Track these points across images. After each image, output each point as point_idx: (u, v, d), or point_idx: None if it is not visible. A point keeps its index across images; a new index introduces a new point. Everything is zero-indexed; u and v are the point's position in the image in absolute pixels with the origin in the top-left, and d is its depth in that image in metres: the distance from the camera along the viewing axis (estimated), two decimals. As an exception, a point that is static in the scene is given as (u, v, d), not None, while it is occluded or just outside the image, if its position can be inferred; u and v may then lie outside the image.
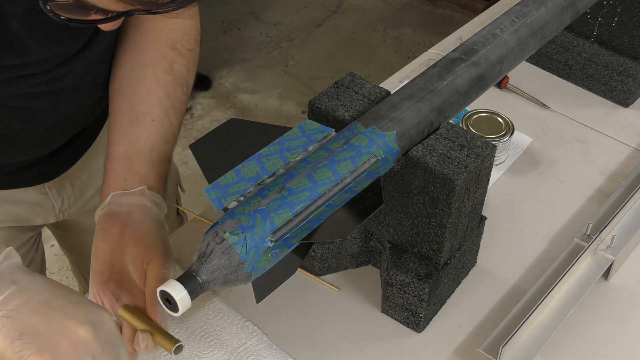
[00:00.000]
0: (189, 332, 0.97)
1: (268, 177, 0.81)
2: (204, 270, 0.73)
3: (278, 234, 0.76)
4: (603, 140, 1.29)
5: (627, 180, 1.18)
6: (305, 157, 0.83)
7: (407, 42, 3.12)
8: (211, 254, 0.74)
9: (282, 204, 0.78)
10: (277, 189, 0.79)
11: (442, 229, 0.92)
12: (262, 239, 0.76)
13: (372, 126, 0.87)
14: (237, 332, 0.98)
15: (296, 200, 0.78)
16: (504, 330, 0.97)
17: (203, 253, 0.74)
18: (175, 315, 0.73)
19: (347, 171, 0.82)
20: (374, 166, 0.85)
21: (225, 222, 0.75)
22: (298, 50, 3.06)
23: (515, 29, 1.01)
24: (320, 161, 0.82)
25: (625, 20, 1.28)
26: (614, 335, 1.01)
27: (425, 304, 0.96)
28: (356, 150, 0.84)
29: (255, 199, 0.78)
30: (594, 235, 1.06)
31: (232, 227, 0.75)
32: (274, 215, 0.76)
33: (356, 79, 0.98)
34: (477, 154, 0.90)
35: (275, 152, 0.82)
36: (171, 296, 0.72)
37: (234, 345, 0.96)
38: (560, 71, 1.39)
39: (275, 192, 0.78)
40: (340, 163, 0.83)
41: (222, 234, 0.74)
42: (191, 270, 0.74)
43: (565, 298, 1.01)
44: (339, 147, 0.84)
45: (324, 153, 0.83)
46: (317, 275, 1.05)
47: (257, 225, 0.75)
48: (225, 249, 0.74)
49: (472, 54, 0.98)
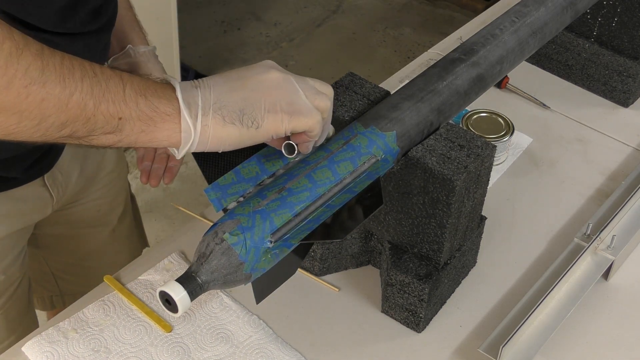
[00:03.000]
0: (195, 325, 0.97)
1: (268, 177, 0.81)
2: (204, 271, 0.73)
3: (278, 234, 0.76)
4: (603, 140, 1.29)
5: (627, 180, 1.18)
6: (305, 158, 0.83)
7: (407, 42, 3.12)
8: (211, 254, 0.74)
9: (282, 205, 0.78)
10: (276, 189, 0.79)
11: (442, 229, 0.92)
12: (262, 239, 0.75)
13: (372, 126, 0.87)
14: (242, 325, 0.98)
15: (296, 201, 0.78)
16: (504, 330, 0.97)
17: (203, 254, 0.74)
18: (175, 315, 0.73)
19: (346, 172, 0.82)
20: (373, 166, 0.85)
21: (225, 222, 0.75)
22: (298, 50, 3.06)
23: (515, 29, 1.01)
24: (319, 162, 0.82)
25: (625, 20, 1.28)
26: (614, 335, 1.01)
27: (425, 304, 0.96)
28: (356, 150, 0.84)
29: (255, 199, 0.78)
30: (594, 235, 1.06)
31: (232, 227, 0.75)
32: (273, 216, 0.76)
33: (356, 79, 0.98)
34: (477, 154, 0.90)
35: (275, 153, 0.82)
36: (171, 297, 0.72)
37: (239, 338, 0.96)
38: (560, 71, 1.39)
39: (275, 193, 0.78)
40: (340, 163, 0.83)
41: (222, 235, 0.74)
42: (191, 271, 0.74)
43: (565, 298, 1.01)
44: (339, 147, 0.84)
45: (323, 154, 0.83)
46: (317, 275, 1.05)
47: (256, 225, 0.75)
48: (224, 250, 0.74)
49: (472, 54, 0.98)
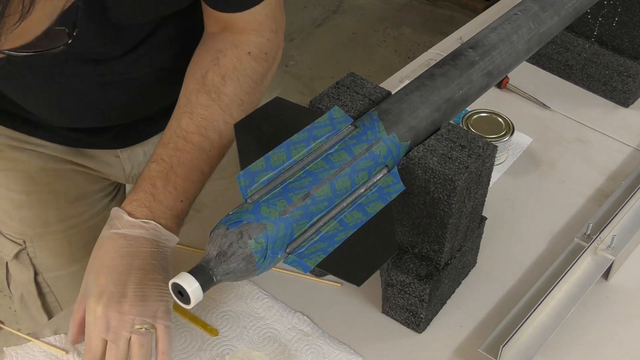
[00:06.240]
0: (241, 327, 0.97)
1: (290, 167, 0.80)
2: (221, 270, 0.73)
3: (293, 245, 0.76)
4: (603, 140, 1.29)
5: (627, 180, 1.18)
6: (329, 156, 0.82)
7: (407, 42, 3.12)
8: (232, 256, 0.73)
9: (304, 214, 0.77)
10: (302, 193, 0.78)
11: (443, 230, 0.92)
12: (280, 249, 0.75)
13: (394, 134, 0.87)
14: (288, 323, 0.98)
15: (316, 211, 0.78)
16: (504, 330, 0.97)
17: (223, 252, 0.73)
18: (188, 307, 0.73)
19: (361, 181, 0.83)
20: (384, 182, 0.85)
21: (251, 224, 0.74)
22: (298, 50, 3.06)
23: (529, 37, 1.01)
24: (343, 167, 0.82)
25: (625, 21, 1.29)
26: (614, 335, 1.01)
27: (426, 304, 0.96)
28: (374, 160, 0.85)
29: (282, 201, 0.77)
30: (594, 235, 1.06)
31: (257, 233, 0.74)
32: (295, 226, 0.76)
33: (357, 80, 0.98)
34: (478, 155, 0.90)
35: (303, 140, 0.81)
36: (184, 289, 0.71)
37: (287, 336, 0.96)
38: (560, 71, 1.39)
39: (300, 199, 0.78)
40: (359, 173, 0.83)
41: (247, 239, 0.73)
42: (208, 267, 0.73)
43: (565, 298, 1.01)
44: (361, 153, 0.84)
45: (347, 157, 0.82)
46: (317, 277, 1.05)
47: (279, 235, 0.75)
48: (246, 256, 0.73)
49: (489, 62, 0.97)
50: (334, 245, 0.79)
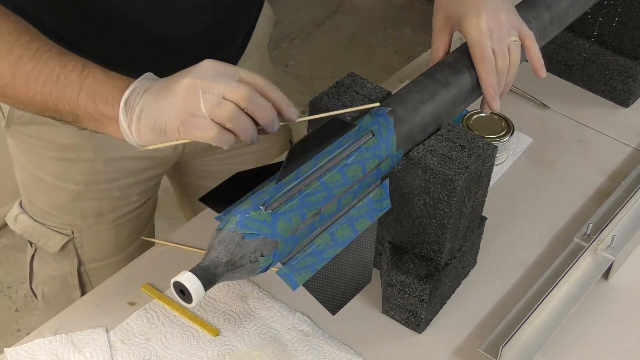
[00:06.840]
0: (241, 327, 0.97)
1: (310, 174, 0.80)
2: (226, 277, 0.75)
3: (288, 255, 0.78)
4: (603, 140, 1.29)
5: (627, 180, 1.18)
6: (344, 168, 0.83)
7: (407, 42, 3.12)
8: (240, 267, 0.75)
9: (310, 231, 0.79)
10: (315, 210, 0.79)
11: (443, 230, 0.92)
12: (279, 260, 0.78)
13: (401, 150, 0.88)
14: (288, 323, 0.98)
15: (319, 226, 0.81)
16: (504, 330, 0.97)
17: (233, 262, 0.74)
18: (189, 306, 0.74)
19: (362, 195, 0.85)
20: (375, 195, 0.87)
21: (267, 240, 0.75)
22: (298, 50, 3.06)
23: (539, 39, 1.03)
24: (353, 184, 0.83)
25: (625, 21, 1.29)
26: (614, 335, 1.01)
27: (426, 304, 0.96)
28: (378, 176, 0.86)
29: (296, 217, 0.78)
30: (594, 235, 1.06)
31: (269, 250, 0.75)
32: (299, 242, 0.78)
33: (357, 80, 0.98)
34: (478, 155, 0.90)
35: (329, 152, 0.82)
36: (185, 287, 0.72)
37: (287, 336, 0.97)
38: (560, 71, 1.39)
39: (312, 216, 0.79)
40: (364, 189, 0.86)
41: (259, 255, 0.75)
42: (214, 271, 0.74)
43: (565, 298, 1.01)
44: (372, 169, 0.85)
45: (360, 174, 0.84)
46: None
47: (285, 252, 0.77)
48: (252, 269, 0.75)
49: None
50: (322, 263, 0.80)
